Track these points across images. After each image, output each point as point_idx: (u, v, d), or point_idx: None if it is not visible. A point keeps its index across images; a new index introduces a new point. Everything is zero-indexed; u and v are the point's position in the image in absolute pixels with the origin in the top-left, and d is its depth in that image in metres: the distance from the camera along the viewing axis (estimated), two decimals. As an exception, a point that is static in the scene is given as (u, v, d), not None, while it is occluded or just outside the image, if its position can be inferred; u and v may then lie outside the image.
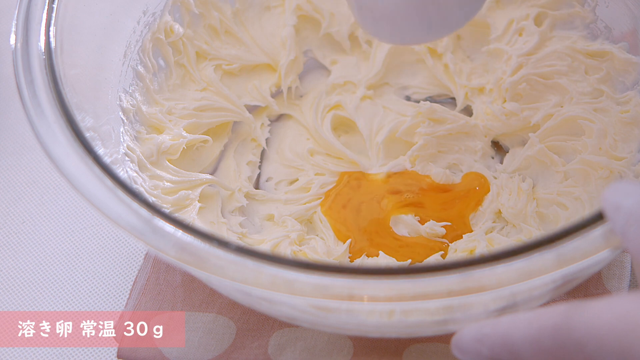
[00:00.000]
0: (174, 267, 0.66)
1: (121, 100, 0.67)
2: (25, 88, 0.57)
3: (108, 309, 0.68)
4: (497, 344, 0.47)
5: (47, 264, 0.70)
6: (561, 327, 0.45)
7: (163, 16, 0.72)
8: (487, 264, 0.48)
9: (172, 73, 0.73)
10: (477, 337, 0.48)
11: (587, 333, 0.44)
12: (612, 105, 0.70)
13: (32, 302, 0.69)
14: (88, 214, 0.72)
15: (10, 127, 0.78)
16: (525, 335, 0.46)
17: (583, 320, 0.45)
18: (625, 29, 0.70)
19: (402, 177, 0.72)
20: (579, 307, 0.45)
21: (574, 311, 0.45)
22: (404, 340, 0.62)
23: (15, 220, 0.73)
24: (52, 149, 0.54)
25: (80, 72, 0.62)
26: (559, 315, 0.46)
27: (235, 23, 0.77)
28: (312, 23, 0.79)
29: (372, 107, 0.76)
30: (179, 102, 0.72)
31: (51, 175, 0.75)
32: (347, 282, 0.49)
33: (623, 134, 0.68)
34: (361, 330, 0.58)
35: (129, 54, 0.69)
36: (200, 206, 0.67)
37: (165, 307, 0.65)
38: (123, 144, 0.65)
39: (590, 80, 0.71)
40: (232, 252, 0.50)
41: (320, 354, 0.63)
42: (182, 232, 0.51)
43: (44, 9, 0.60)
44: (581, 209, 0.66)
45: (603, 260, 0.50)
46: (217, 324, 0.64)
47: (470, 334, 0.49)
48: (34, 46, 0.59)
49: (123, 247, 0.71)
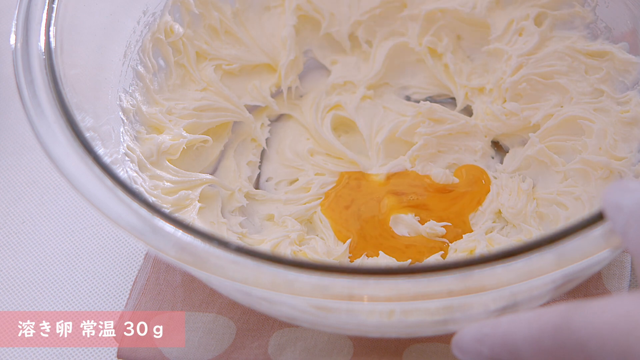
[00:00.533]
0: (174, 267, 0.66)
1: (121, 100, 0.67)
2: (25, 88, 0.57)
3: (108, 309, 0.68)
4: (498, 344, 0.47)
5: (47, 264, 0.70)
6: (561, 327, 0.45)
7: (163, 16, 0.72)
8: (487, 264, 0.48)
9: (172, 73, 0.73)
10: (477, 337, 0.48)
11: (587, 333, 0.44)
12: (612, 105, 0.70)
13: (32, 302, 0.69)
14: (88, 214, 0.72)
15: (10, 127, 0.78)
16: (526, 335, 0.46)
17: (584, 320, 0.45)
18: (625, 29, 0.70)
19: (402, 177, 0.72)
20: (579, 307, 0.45)
21: (574, 311, 0.45)
22: (404, 340, 0.62)
23: (15, 220, 0.73)
24: (52, 149, 0.54)
25: (80, 72, 0.62)
26: (559, 315, 0.46)
27: (235, 23, 0.77)
28: (312, 23, 0.79)
29: (372, 107, 0.76)
30: (179, 102, 0.72)
31: (51, 175, 0.75)
32: (347, 282, 0.49)
33: (623, 134, 0.68)
34: (361, 330, 0.58)
35: (129, 54, 0.69)
36: (200, 206, 0.67)
37: (165, 307, 0.65)
38: (123, 144, 0.65)
39: (590, 80, 0.71)
40: (232, 252, 0.50)
41: (320, 354, 0.63)
42: (182, 232, 0.51)
43: (44, 9, 0.60)
44: (581, 209, 0.66)
45: (603, 260, 0.50)
46: (217, 324, 0.64)
47: (471, 334, 0.49)
48: (34, 46, 0.59)
49: (123, 247, 0.71)
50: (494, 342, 0.47)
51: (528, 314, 0.47)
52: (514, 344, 0.47)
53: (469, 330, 0.49)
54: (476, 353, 0.49)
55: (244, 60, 0.76)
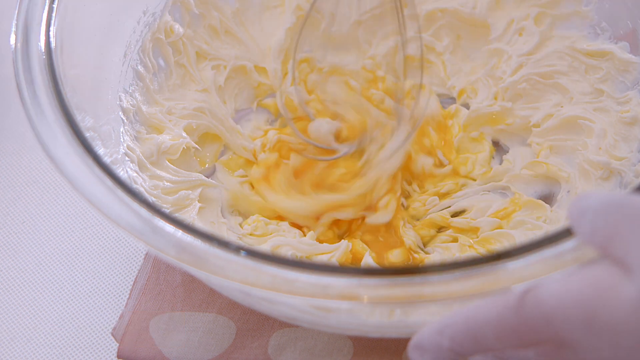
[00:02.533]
0: (174, 267, 0.66)
1: (121, 100, 0.67)
2: (25, 88, 0.57)
3: (108, 309, 0.68)
4: (459, 332, 0.45)
5: (47, 264, 0.70)
6: (525, 302, 0.44)
7: (163, 16, 0.72)
8: (487, 264, 0.48)
9: (172, 73, 0.73)
10: (436, 328, 0.46)
11: (552, 305, 0.43)
12: (612, 105, 0.70)
13: (32, 302, 0.69)
14: (88, 214, 0.72)
15: (10, 127, 0.78)
16: (487, 316, 0.44)
17: (547, 293, 0.43)
18: (625, 29, 0.70)
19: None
20: (543, 281, 0.44)
21: (538, 286, 0.44)
22: (404, 340, 0.62)
23: (15, 220, 0.73)
24: (52, 149, 0.54)
25: (80, 72, 0.62)
26: (522, 292, 0.44)
27: (235, 23, 0.77)
28: (312, 23, 0.78)
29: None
30: (179, 102, 0.72)
31: (51, 175, 0.75)
32: (347, 282, 0.49)
33: (623, 134, 0.68)
34: (361, 330, 0.58)
35: (129, 54, 0.69)
36: (200, 206, 0.67)
37: (165, 307, 0.65)
38: (123, 144, 0.65)
39: (590, 80, 0.71)
40: (232, 252, 0.50)
41: (320, 354, 0.63)
42: (182, 232, 0.51)
43: (44, 9, 0.60)
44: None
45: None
46: (217, 324, 0.64)
47: (430, 328, 0.47)
48: (34, 46, 0.59)
49: (123, 247, 0.71)
50: (454, 330, 0.45)
51: (490, 298, 0.45)
52: (476, 328, 0.45)
53: (429, 326, 0.47)
54: (436, 348, 0.46)
55: (243, 60, 0.76)
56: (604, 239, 0.44)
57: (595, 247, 0.45)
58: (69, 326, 0.67)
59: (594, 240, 0.45)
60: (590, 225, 0.45)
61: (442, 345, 0.46)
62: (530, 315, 0.44)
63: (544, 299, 0.43)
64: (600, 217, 0.44)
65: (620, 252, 0.43)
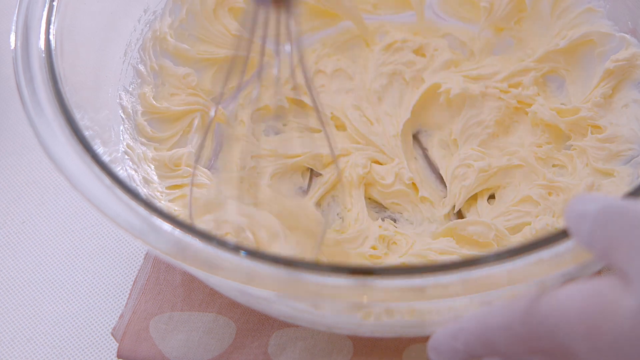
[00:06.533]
0: (174, 267, 0.66)
1: (121, 99, 0.67)
2: (25, 87, 0.57)
3: (108, 309, 0.68)
4: (472, 337, 0.46)
5: (47, 264, 0.70)
6: (531, 313, 0.44)
7: (164, 15, 0.72)
8: (488, 264, 0.48)
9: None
10: (451, 333, 0.47)
11: (556, 318, 0.43)
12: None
13: (32, 302, 0.68)
14: (88, 214, 0.72)
15: (10, 127, 0.78)
16: (498, 323, 0.45)
17: (552, 306, 0.44)
18: (625, 29, 0.70)
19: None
20: (548, 293, 0.45)
21: (544, 297, 0.44)
22: (404, 340, 0.62)
23: (15, 220, 0.73)
24: (51, 147, 0.54)
25: (80, 71, 0.62)
26: (529, 302, 0.45)
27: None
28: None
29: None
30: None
31: (51, 175, 0.75)
32: (347, 282, 0.48)
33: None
34: (361, 330, 0.58)
35: (129, 53, 0.69)
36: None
37: (165, 307, 0.65)
38: (123, 142, 0.65)
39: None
40: (232, 252, 0.50)
41: (320, 354, 0.62)
42: (180, 231, 0.51)
43: (44, 8, 0.60)
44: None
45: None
46: (217, 324, 0.64)
47: (445, 332, 0.48)
48: (33, 45, 0.59)
49: (123, 247, 0.71)
50: (467, 335, 0.47)
51: (501, 303, 0.46)
52: (487, 334, 0.46)
53: (444, 329, 0.48)
54: (451, 351, 0.48)
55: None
56: (603, 248, 0.44)
57: (594, 253, 0.46)
58: (68, 326, 0.67)
59: (593, 248, 0.45)
60: (589, 233, 0.45)
61: (457, 350, 0.47)
62: (536, 326, 0.44)
63: (549, 310, 0.44)
64: (599, 226, 0.45)
65: (620, 262, 0.43)
